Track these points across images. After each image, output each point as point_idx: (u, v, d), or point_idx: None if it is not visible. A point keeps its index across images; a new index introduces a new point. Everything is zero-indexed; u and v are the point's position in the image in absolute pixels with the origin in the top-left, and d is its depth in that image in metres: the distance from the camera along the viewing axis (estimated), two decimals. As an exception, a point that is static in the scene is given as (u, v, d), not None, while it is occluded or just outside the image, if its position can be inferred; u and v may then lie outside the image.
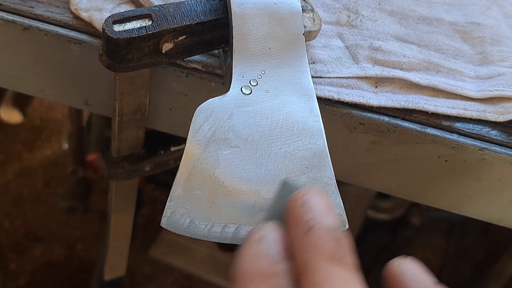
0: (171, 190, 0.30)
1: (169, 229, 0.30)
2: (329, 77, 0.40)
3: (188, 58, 0.39)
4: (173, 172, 0.33)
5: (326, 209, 0.25)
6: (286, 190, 0.27)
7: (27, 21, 0.40)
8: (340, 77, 0.40)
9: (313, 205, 0.24)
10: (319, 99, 0.35)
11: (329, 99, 0.39)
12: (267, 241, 0.24)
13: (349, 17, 0.43)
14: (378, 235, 1.22)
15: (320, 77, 0.39)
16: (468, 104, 0.41)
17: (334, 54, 0.41)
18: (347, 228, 0.31)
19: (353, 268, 0.23)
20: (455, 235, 1.31)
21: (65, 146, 1.18)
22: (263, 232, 0.25)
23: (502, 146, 0.40)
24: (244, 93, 0.33)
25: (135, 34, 0.33)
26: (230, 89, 0.33)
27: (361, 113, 0.40)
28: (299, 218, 0.24)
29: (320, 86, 0.39)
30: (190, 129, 0.31)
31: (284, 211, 0.25)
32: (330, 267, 0.22)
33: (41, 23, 0.40)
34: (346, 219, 0.31)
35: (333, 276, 0.22)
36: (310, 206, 0.24)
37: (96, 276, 1.04)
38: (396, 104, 0.40)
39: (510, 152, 0.40)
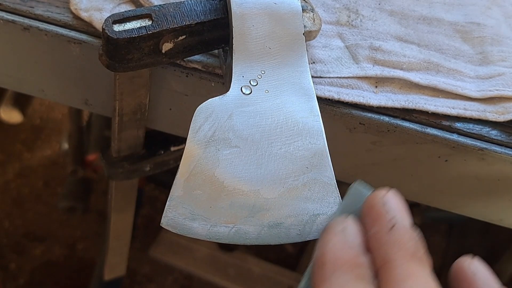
0: (171, 190, 0.30)
1: (169, 229, 0.30)
2: (329, 77, 0.40)
3: (188, 58, 0.39)
4: (173, 172, 0.33)
5: (404, 211, 0.26)
6: (359, 190, 0.28)
7: (27, 21, 0.40)
8: (340, 77, 0.40)
9: (394, 206, 0.26)
10: (319, 99, 0.35)
11: (329, 99, 0.39)
12: (350, 232, 0.26)
13: (349, 17, 0.43)
14: (378, 235, 1.22)
15: (320, 77, 0.39)
16: (468, 104, 0.41)
17: (334, 54, 0.41)
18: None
19: (431, 268, 0.24)
20: (455, 235, 1.31)
21: (65, 146, 1.18)
22: (345, 224, 0.26)
23: (502, 146, 0.40)
24: (244, 93, 0.33)
25: (135, 34, 0.33)
26: (230, 89, 0.33)
27: (361, 113, 0.40)
28: (382, 216, 0.26)
29: (320, 86, 0.39)
30: (190, 129, 0.31)
31: (364, 208, 0.27)
32: (411, 264, 0.24)
33: (41, 23, 0.40)
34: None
35: (414, 273, 0.23)
36: (390, 205, 0.26)
37: (96, 276, 1.04)
38: (396, 104, 0.40)
39: (510, 152, 0.40)
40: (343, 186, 0.31)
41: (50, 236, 1.27)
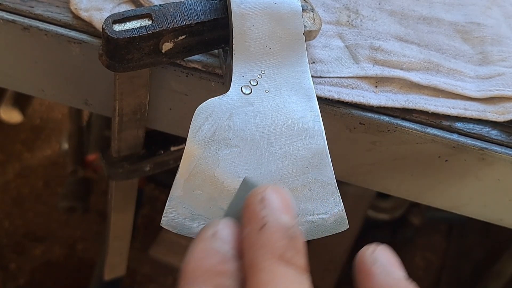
0: (171, 190, 0.30)
1: (169, 229, 0.30)
2: (329, 77, 0.40)
3: (188, 58, 0.39)
4: (173, 172, 0.33)
5: (283, 206, 0.23)
6: (247, 187, 0.26)
7: (27, 21, 0.40)
8: (340, 77, 0.40)
9: (271, 202, 0.23)
10: (319, 99, 0.35)
11: (329, 99, 0.39)
12: (220, 237, 0.23)
13: (349, 17, 0.43)
14: (378, 235, 1.22)
15: (320, 77, 0.39)
16: (468, 104, 0.41)
17: (334, 54, 0.41)
18: (347, 228, 0.31)
19: (302, 270, 0.22)
20: (455, 235, 1.31)
21: (65, 146, 1.18)
22: (217, 228, 0.23)
23: (502, 146, 0.40)
24: (244, 93, 0.33)
25: (135, 34, 0.33)
26: (230, 89, 0.33)
27: (361, 113, 0.40)
28: (255, 214, 0.23)
29: (320, 86, 0.39)
30: (190, 129, 0.31)
31: (243, 207, 0.24)
32: (276, 267, 0.21)
33: (41, 23, 0.40)
34: (346, 219, 0.31)
35: (278, 276, 0.21)
36: (267, 202, 0.23)
37: (96, 276, 1.04)
38: (396, 104, 0.40)
39: (510, 152, 0.40)
40: (343, 186, 0.31)
41: (50, 236, 1.27)
